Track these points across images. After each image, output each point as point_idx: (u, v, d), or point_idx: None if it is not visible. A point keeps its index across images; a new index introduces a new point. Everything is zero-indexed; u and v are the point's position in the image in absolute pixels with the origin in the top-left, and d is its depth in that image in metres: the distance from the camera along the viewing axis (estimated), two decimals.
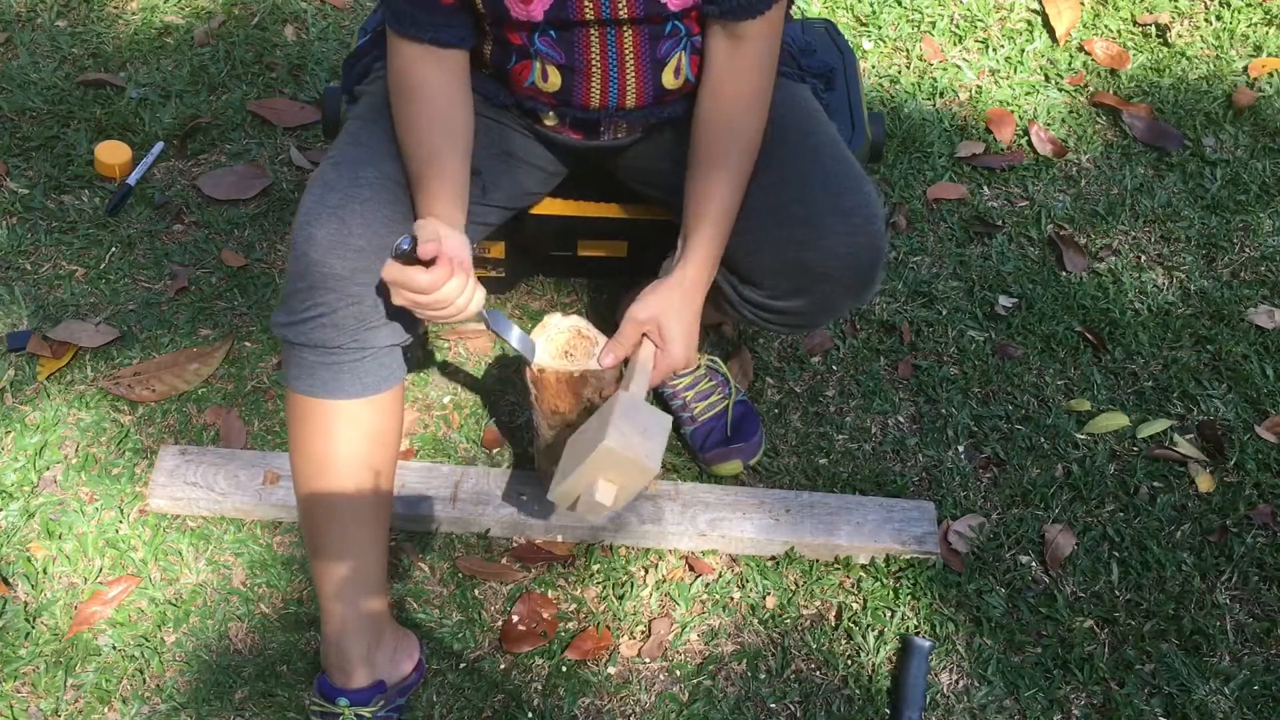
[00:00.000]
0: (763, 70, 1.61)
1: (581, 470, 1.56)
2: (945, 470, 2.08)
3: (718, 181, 1.61)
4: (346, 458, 1.63)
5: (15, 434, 2.04)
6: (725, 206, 1.61)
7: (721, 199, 1.61)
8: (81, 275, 2.28)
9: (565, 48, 1.60)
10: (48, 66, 2.65)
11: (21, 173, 2.45)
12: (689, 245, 1.62)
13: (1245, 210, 2.51)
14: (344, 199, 1.54)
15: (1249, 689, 1.84)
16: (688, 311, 1.64)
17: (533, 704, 1.79)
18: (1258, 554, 2.00)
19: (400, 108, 1.61)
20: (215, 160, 2.50)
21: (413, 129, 1.59)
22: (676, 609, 1.90)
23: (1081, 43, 2.83)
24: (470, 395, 2.15)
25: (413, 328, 1.63)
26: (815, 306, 1.65)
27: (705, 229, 1.61)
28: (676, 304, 1.63)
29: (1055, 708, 1.82)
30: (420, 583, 1.91)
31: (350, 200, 1.54)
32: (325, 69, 2.68)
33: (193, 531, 1.94)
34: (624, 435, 1.53)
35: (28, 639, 1.82)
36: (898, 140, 2.60)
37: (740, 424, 2.05)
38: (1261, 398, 2.20)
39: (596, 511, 1.59)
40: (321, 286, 1.53)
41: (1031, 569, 1.97)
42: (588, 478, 1.57)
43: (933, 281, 2.35)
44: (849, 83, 2.04)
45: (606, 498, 1.57)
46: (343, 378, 1.59)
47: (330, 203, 1.54)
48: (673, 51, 1.62)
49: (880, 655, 1.86)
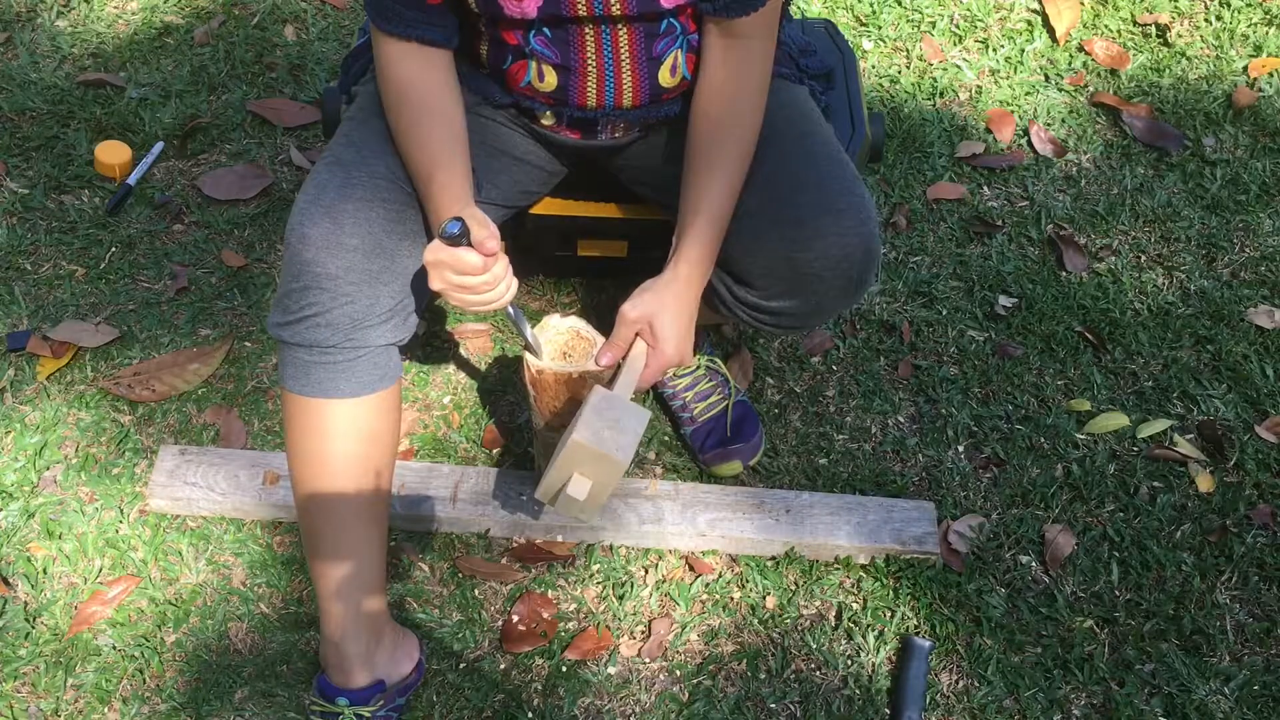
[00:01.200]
0: (759, 68, 1.61)
1: (556, 466, 1.57)
2: (945, 470, 2.08)
3: (713, 179, 1.61)
4: (343, 457, 1.63)
5: (15, 434, 2.04)
6: (720, 204, 1.61)
7: (716, 197, 1.60)
8: (81, 275, 2.28)
9: (560, 47, 1.60)
10: (48, 66, 2.65)
11: (21, 173, 2.45)
12: (683, 242, 1.62)
13: (1245, 210, 2.51)
14: (337, 198, 1.54)
15: (1249, 689, 1.84)
16: (681, 310, 1.63)
17: (533, 704, 1.79)
18: (1258, 554, 2.00)
19: (395, 108, 1.60)
20: (215, 160, 2.50)
21: (413, 127, 1.59)
22: (676, 609, 1.90)
23: (1081, 43, 2.83)
24: (470, 395, 2.15)
25: (408, 327, 1.63)
26: (808, 307, 1.65)
27: (700, 227, 1.61)
28: (669, 302, 1.62)
29: (1055, 708, 1.82)
30: (420, 583, 1.91)
31: (344, 199, 1.54)
32: (325, 69, 2.68)
33: (193, 531, 1.94)
34: (594, 430, 1.54)
35: (28, 639, 1.82)
36: (898, 140, 2.60)
37: (740, 424, 2.05)
38: (1261, 398, 2.20)
39: (574, 508, 1.60)
40: (315, 286, 1.53)
41: (1031, 569, 1.97)
42: (563, 473, 1.57)
43: (933, 281, 2.35)
44: (849, 83, 2.04)
45: (580, 492, 1.57)
46: (338, 377, 1.59)
47: (324, 202, 1.54)
48: (669, 50, 1.62)
49: (880, 655, 1.86)
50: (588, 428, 1.54)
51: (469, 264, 1.46)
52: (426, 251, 1.48)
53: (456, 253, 1.46)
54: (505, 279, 1.52)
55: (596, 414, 1.55)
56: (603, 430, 1.54)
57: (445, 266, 1.47)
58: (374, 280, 1.54)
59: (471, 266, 1.46)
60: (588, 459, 1.55)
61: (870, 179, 2.52)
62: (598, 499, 1.59)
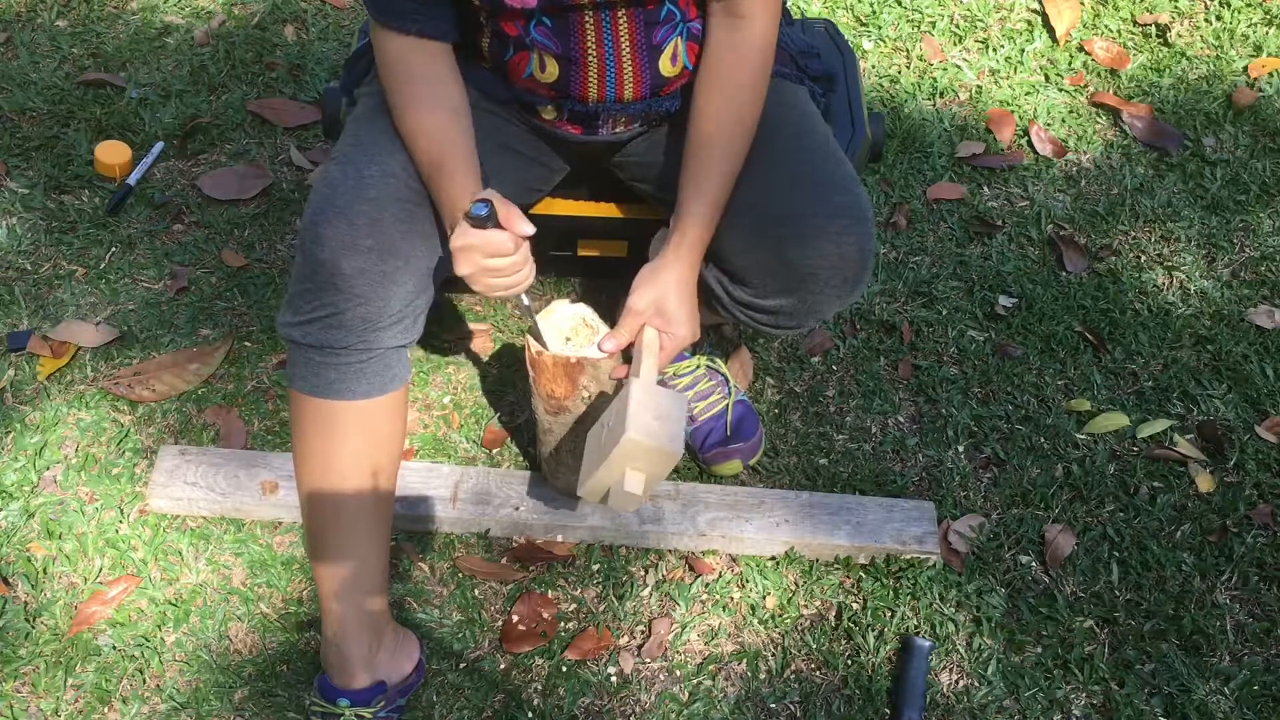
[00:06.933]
0: (762, 51, 1.62)
1: (609, 464, 1.58)
2: (945, 470, 2.08)
3: (713, 161, 1.61)
4: (351, 459, 1.63)
5: (15, 434, 2.04)
6: (718, 187, 1.62)
7: (716, 178, 1.61)
8: (81, 275, 2.28)
9: (561, 37, 1.60)
10: (48, 66, 2.65)
11: (21, 173, 2.45)
12: (682, 222, 1.62)
13: (1245, 210, 2.52)
14: (351, 199, 1.54)
15: (1249, 689, 1.84)
16: (685, 289, 1.65)
17: (533, 704, 1.79)
18: (1258, 554, 2.00)
19: (398, 102, 1.61)
20: (215, 160, 2.50)
21: (419, 118, 1.59)
22: (676, 609, 1.90)
23: (1081, 43, 2.83)
24: (470, 395, 2.15)
25: (417, 329, 1.63)
26: (804, 306, 1.65)
27: (699, 207, 1.61)
28: (673, 283, 1.63)
29: (1055, 708, 1.82)
30: (420, 583, 1.91)
31: (357, 200, 1.54)
32: (325, 69, 2.68)
33: (193, 531, 1.94)
34: (643, 423, 1.55)
35: (28, 639, 1.82)
36: (898, 140, 2.60)
37: (740, 424, 2.05)
38: (1261, 398, 2.20)
39: (630, 503, 1.61)
40: (330, 286, 1.52)
41: (1031, 569, 1.97)
42: (615, 470, 1.59)
43: (933, 281, 2.35)
44: (849, 83, 2.04)
45: (636, 487, 1.59)
46: (349, 379, 1.59)
47: (338, 203, 1.53)
48: (669, 38, 1.62)
49: (880, 655, 1.86)
50: (637, 422, 1.55)
51: (500, 245, 1.47)
52: (454, 237, 1.48)
53: (487, 235, 1.46)
54: (530, 260, 1.53)
55: (642, 408, 1.56)
56: (651, 423, 1.55)
57: (475, 250, 1.48)
58: (387, 281, 1.54)
59: (503, 247, 1.47)
60: (641, 454, 1.56)
61: (870, 179, 2.52)
62: (649, 490, 1.61)
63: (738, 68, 1.62)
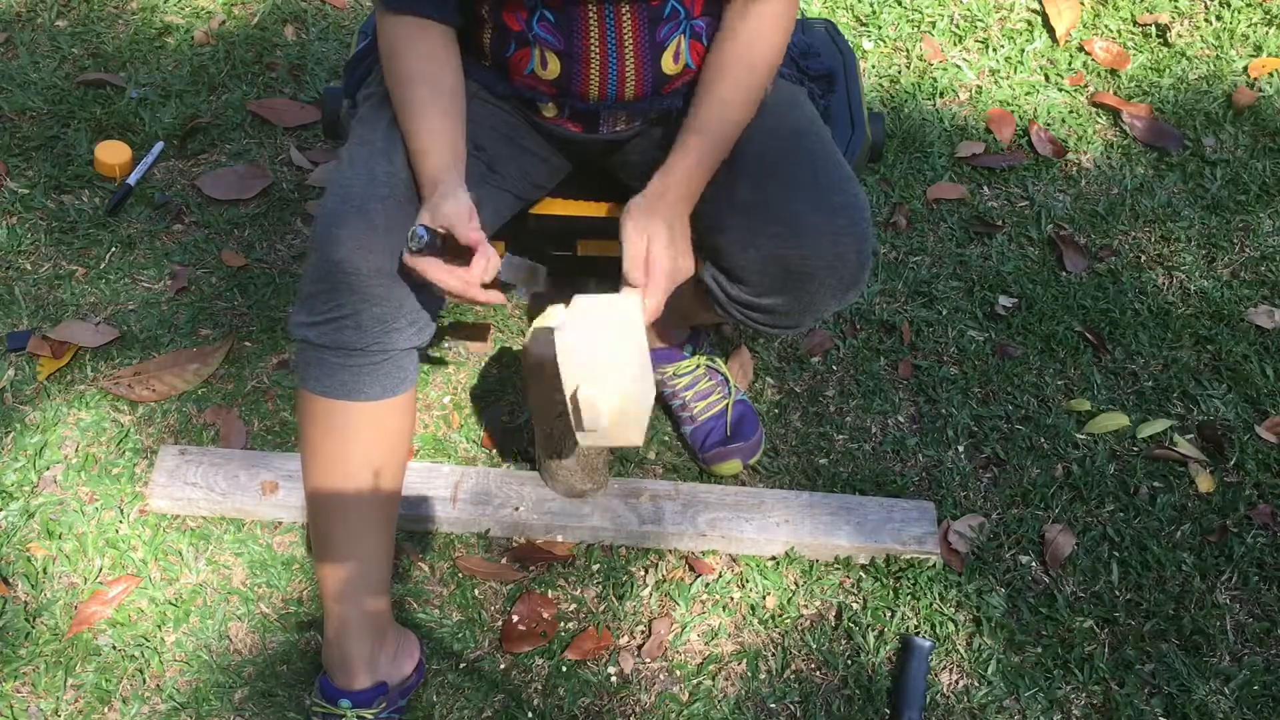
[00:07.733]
0: (777, 28, 1.63)
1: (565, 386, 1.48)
2: (945, 470, 2.08)
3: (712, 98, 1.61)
4: (361, 460, 1.62)
5: (15, 434, 2.04)
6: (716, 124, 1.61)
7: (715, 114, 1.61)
8: (81, 275, 2.28)
9: (564, 32, 1.60)
10: (48, 66, 2.65)
11: (21, 173, 2.45)
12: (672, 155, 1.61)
13: (1245, 210, 2.52)
14: (365, 199, 1.54)
15: (1249, 689, 1.84)
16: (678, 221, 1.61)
17: (533, 704, 1.79)
18: (1258, 554, 2.00)
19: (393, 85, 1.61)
20: (215, 160, 2.50)
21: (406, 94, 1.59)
22: (676, 609, 1.90)
23: (1081, 43, 2.83)
24: (470, 395, 2.15)
25: (428, 330, 1.62)
26: (801, 305, 1.65)
27: (691, 141, 1.61)
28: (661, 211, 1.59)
29: (1055, 708, 1.82)
30: (420, 583, 1.91)
31: (371, 199, 1.54)
32: (325, 69, 2.68)
33: (193, 531, 1.94)
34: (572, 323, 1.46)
35: (28, 639, 1.82)
36: (898, 140, 2.60)
37: (740, 424, 2.05)
38: (1261, 398, 2.20)
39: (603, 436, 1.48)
40: (345, 287, 1.52)
41: (1031, 569, 1.97)
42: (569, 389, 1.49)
43: (933, 281, 2.35)
44: (849, 83, 2.04)
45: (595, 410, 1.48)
46: (363, 380, 1.58)
47: (354, 203, 1.53)
48: (672, 35, 1.63)
49: (880, 655, 1.86)
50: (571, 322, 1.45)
51: (449, 285, 1.47)
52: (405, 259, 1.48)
53: (430, 272, 1.46)
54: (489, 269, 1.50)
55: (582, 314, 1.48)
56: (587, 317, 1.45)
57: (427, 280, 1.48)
58: (400, 282, 1.54)
59: (451, 288, 1.47)
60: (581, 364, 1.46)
61: (870, 179, 2.52)
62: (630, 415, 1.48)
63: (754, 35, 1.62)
